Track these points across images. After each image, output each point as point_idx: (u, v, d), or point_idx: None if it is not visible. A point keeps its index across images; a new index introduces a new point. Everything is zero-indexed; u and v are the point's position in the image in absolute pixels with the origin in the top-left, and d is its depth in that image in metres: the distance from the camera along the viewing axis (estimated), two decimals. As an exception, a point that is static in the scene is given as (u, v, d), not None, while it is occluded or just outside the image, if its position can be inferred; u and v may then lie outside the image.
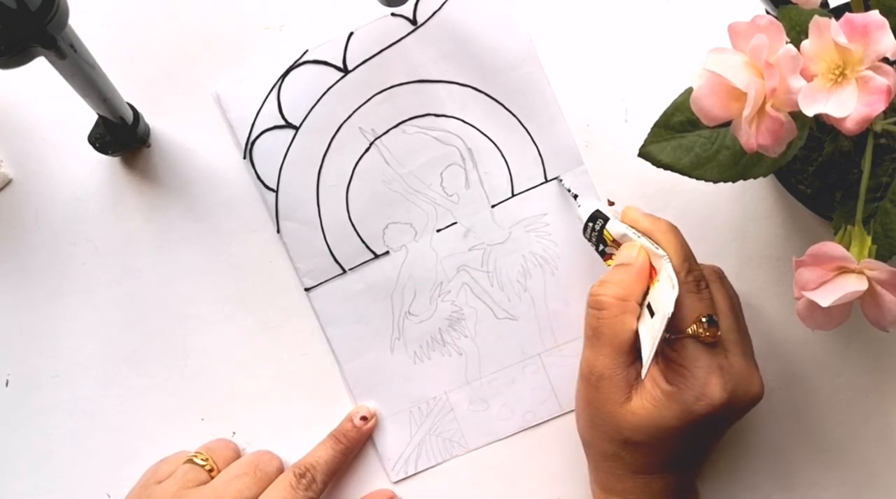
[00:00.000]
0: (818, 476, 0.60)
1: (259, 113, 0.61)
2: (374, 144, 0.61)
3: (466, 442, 0.62)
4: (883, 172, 0.48)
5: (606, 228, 0.56)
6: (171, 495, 0.57)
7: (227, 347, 0.62)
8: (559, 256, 0.61)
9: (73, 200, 0.62)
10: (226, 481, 0.57)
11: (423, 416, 0.62)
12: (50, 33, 0.46)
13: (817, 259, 0.43)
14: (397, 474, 0.62)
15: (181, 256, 0.62)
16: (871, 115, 0.39)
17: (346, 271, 0.62)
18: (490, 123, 0.61)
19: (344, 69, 0.61)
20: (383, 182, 0.61)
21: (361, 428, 0.61)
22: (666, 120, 0.50)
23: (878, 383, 0.60)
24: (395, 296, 0.62)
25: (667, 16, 0.60)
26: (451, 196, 0.61)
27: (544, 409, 0.62)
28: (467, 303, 0.62)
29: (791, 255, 0.45)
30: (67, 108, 0.60)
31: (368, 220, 0.62)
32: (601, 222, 0.57)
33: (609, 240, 0.56)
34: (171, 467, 0.59)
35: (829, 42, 0.40)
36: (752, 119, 0.41)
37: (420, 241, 0.62)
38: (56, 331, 0.63)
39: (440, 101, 0.61)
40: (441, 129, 0.61)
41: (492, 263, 0.62)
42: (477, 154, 0.61)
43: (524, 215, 0.61)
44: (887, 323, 0.43)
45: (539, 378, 0.62)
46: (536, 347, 0.62)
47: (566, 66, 0.60)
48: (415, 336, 0.62)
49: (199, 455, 0.59)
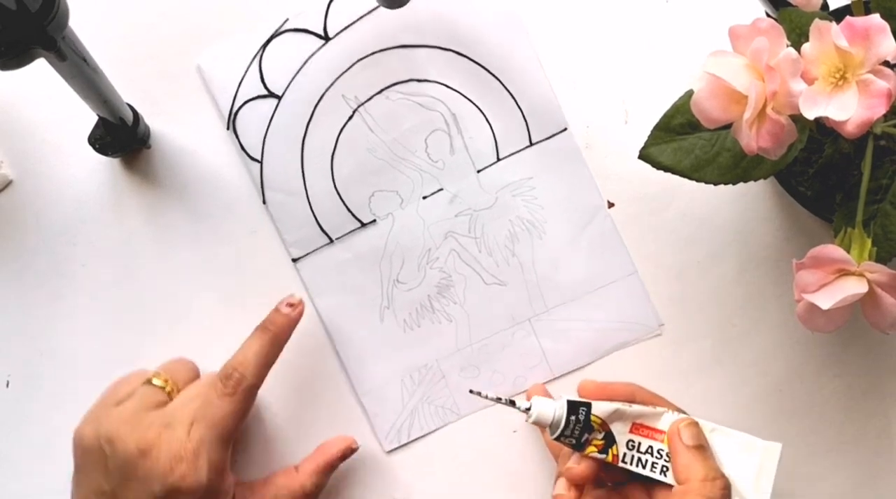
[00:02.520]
0: (818, 477, 0.60)
1: (241, 83, 0.61)
2: (357, 111, 0.61)
3: (459, 409, 0.62)
4: (883, 174, 0.48)
5: (593, 412, 0.52)
6: (129, 415, 0.55)
7: (227, 347, 0.62)
8: (546, 220, 0.61)
9: (73, 201, 0.62)
10: (183, 403, 0.56)
11: (414, 384, 0.62)
12: (50, 34, 0.46)
13: (817, 261, 0.43)
14: (390, 443, 0.62)
15: (181, 257, 0.62)
16: (872, 119, 0.39)
17: (332, 241, 0.62)
18: (473, 88, 0.61)
19: (325, 37, 0.61)
20: (368, 150, 0.61)
21: (290, 314, 0.59)
22: (666, 122, 0.51)
23: (877, 385, 0.60)
24: (383, 264, 0.62)
25: (667, 18, 0.60)
26: (436, 162, 0.61)
27: (535, 374, 0.62)
28: (456, 269, 0.62)
29: (791, 257, 0.45)
30: (67, 109, 0.60)
31: (354, 188, 0.61)
32: (584, 411, 0.52)
33: (597, 424, 0.52)
34: (130, 388, 0.58)
35: (829, 45, 0.40)
36: (752, 122, 0.41)
37: (406, 208, 0.62)
38: (56, 331, 0.63)
39: (422, 66, 0.61)
40: (424, 94, 0.61)
41: (479, 229, 0.61)
42: (461, 119, 0.61)
43: (510, 180, 0.61)
44: (887, 326, 0.44)
45: (529, 343, 0.62)
46: (526, 312, 0.62)
47: (567, 68, 0.60)
48: (404, 304, 0.62)
49: (157, 377, 0.58)
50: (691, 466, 0.51)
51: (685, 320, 0.61)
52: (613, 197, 0.61)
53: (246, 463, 0.62)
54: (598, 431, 0.52)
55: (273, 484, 0.59)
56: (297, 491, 0.58)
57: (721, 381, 0.61)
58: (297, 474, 0.59)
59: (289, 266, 0.62)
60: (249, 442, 0.62)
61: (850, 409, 0.60)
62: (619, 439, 0.52)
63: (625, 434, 0.52)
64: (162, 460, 0.53)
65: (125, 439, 0.54)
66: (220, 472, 0.55)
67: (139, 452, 0.54)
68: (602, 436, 0.52)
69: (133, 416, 0.55)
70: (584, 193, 0.61)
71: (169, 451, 0.54)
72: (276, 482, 0.59)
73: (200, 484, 0.54)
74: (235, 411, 0.56)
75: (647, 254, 0.61)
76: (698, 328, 0.61)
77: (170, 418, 0.55)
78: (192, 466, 0.53)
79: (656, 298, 0.61)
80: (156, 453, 0.54)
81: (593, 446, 0.52)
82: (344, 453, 0.60)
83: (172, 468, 0.53)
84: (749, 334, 0.60)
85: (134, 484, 0.54)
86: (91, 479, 0.55)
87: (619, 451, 0.52)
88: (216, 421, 0.55)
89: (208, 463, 0.54)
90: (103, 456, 0.55)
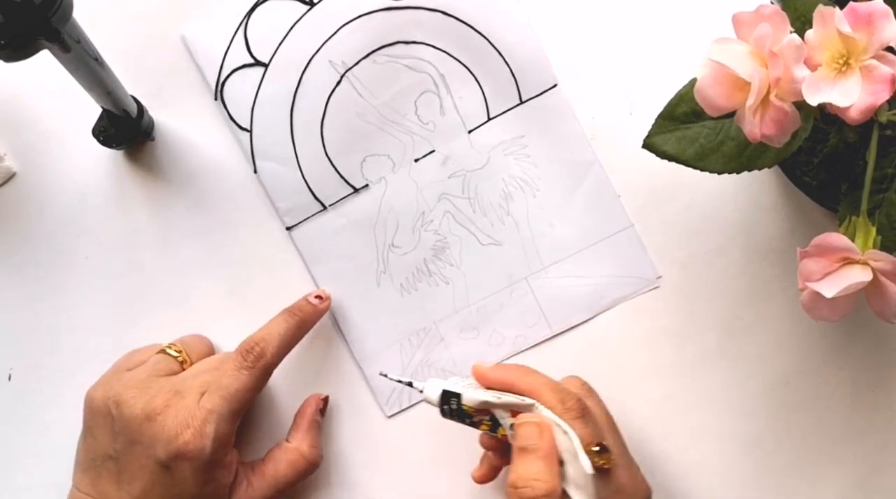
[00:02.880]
0: (823, 470, 0.60)
1: (227, 52, 0.61)
2: (345, 76, 0.61)
3: (459, 371, 0.62)
4: (888, 163, 0.48)
5: (463, 403, 0.54)
6: (139, 380, 0.56)
7: (231, 338, 0.62)
8: (539, 177, 0.61)
9: (76, 194, 0.62)
10: (195, 374, 0.57)
11: (413, 348, 0.62)
12: (54, 26, 0.46)
13: (822, 250, 0.43)
14: (391, 408, 0.62)
15: (185, 250, 0.62)
16: (876, 104, 0.39)
17: (326, 208, 0.62)
18: (461, 48, 0.60)
19: (309, 2, 0.61)
20: (357, 114, 0.61)
21: (317, 305, 0.60)
22: (670, 111, 0.50)
23: (883, 377, 0.60)
24: (378, 229, 0.62)
25: (672, 8, 0.60)
26: (426, 124, 0.61)
27: (534, 332, 0.61)
28: (451, 231, 0.61)
29: (796, 247, 0.45)
30: (71, 101, 0.60)
31: (345, 154, 0.61)
32: (455, 401, 0.54)
33: (471, 411, 0.54)
34: (144, 357, 0.59)
35: (833, 31, 0.39)
36: (756, 109, 0.41)
37: (399, 172, 0.61)
38: (59, 325, 0.63)
39: (409, 28, 0.60)
40: (412, 56, 0.61)
41: (472, 190, 0.61)
42: (450, 80, 0.61)
43: (502, 139, 0.61)
44: (891, 314, 0.43)
45: (527, 302, 0.61)
46: (523, 271, 0.61)
47: (571, 60, 0.60)
48: (400, 268, 0.62)
49: (172, 346, 0.59)
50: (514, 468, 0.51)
51: (690, 314, 0.60)
52: (618, 189, 0.61)
53: (247, 439, 0.62)
54: (482, 414, 0.54)
55: (271, 459, 0.59)
56: (297, 458, 0.59)
57: (727, 374, 0.60)
58: (290, 444, 0.60)
59: (296, 257, 0.62)
60: (250, 414, 0.62)
61: (856, 402, 0.60)
62: (503, 422, 0.53)
63: (507, 418, 0.53)
64: (168, 425, 0.54)
65: (132, 403, 0.55)
66: (224, 444, 0.55)
67: (145, 415, 0.54)
68: (489, 418, 0.54)
69: (143, 381, 0.56)
70: (576, 149, 0.60)
71: (176, 417, 0.54)
72: (273, 457, 0.59)
73: (204, 453, 0.54)
74: (251, 385, 0.56)
75: (651, 246, 0.60)
76: (704, 321, 0.60)
77: (180, 385, 0.56)
78: (199, 434, 0.54)
79: (661, 290, 0.60)
80: (162, 418, 0.54)
81: (484, 426, 0.54)
82: (318, 407, 0.61)
83: (178, 434, 0.53)
84: (755, 327, 0.60)
85: (138, 448, 0.54)
86: (97, 441, 0.56)
87: (507, 432, 0.54)
88: (231, 392, 0.55)
89: (214, 433, 0.54)
90: (110, 418, 0.55)
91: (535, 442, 0.51)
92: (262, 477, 0.58)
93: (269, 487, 0.58)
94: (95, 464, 0.56)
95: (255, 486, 0.58)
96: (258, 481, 0.58)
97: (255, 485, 0.58)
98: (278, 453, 0.59)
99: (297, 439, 0.60)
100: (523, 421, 0.52)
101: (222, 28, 0.61)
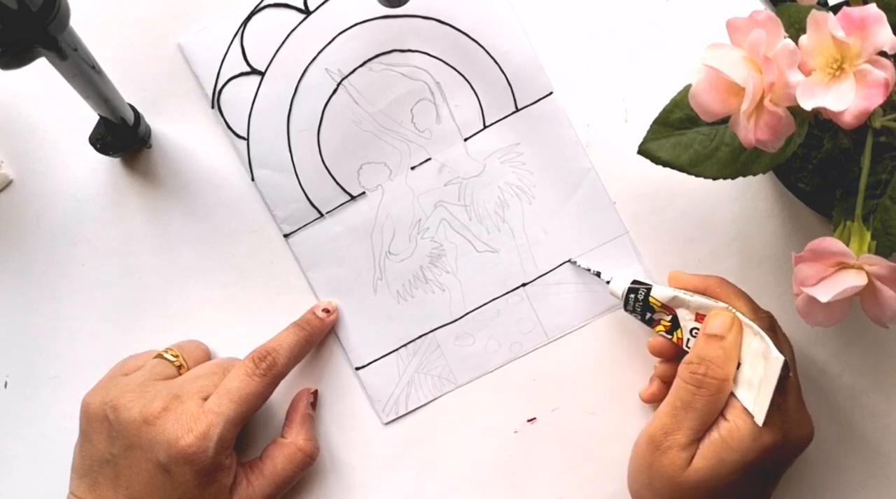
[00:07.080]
0: (820, 476, 0.60)
1: (224, 61, 0.61)
2: (341, 84, 0.61)
3: (455, 378, 0.62)
4: (882, 169, 0.48)
5: (652, 295, 0.56)
6: (136, 385, 0.56)
7: (228, 346, 0.62)
8: (535, 185, 0.61)
9: (73, 201, 0.62)
10: (193, 378, 0.57)
11: (410, 355, 0.62)
12: (51, 34, 0.46)
13: (817, 255, 0.43)
14: (388, 415, 0.62)
15: (182, 257, 0.62)
16: (870, 109, 0.39)
17: (323, 215, 0.62)
18: (456, 55, 0.61)
19: (305, 10, 0.61)
20: (354, 122, 0.61)
21: (324, 319, 0.61)
22: (665, 117, 0.51)
23: (879, 383, 0.60)
24: (375, 236, 0.62)
25: (667, 15, 0.60)
26: (422, 132, 0.61)
27: (530, 339, 0.62)
28: (447, 238, 0.62)
29: (791, 252, 0.45)
30: (68, 108, 0.60)
31: (342, 161, 0.62)
32: (643, 291, 0.56)
33: (657, 306, 0.56)
34: (140, 362, 0.59)
35: (826, 36, 0.40)
36: (750, 114, 0.41)
37: (395, 179, 0.62)
38: (56, 332, 0.63)
39: (405, 36, 0.61)
40: (408, 64, 0.61)
41: (469, 197, 0.61)
42: (446, 88, 0.61)
43: (498, 146, 0.61)
44: (887, 319, 0.43)
45: (523, 308, 0.62)
46: (519, 278, 0.62)
47: (566, 67, 0.61)
48: (397, 275, 0.62)
49: (169, 351, 0.60)
50: (695, 349, 0.53)
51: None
52: (614, 196, 0.61)
53: (243, 446, 0.62)
54: (664, 313, 0.56)
55: (269, 457, 0.59)
56: (294, 452, 0.59)
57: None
58: (285, 439, 0.60)
59: (293, 264, 0.62)
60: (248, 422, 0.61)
61: (852, 407, 0.60)
62: (684, 324, 0.55)
63: (689, 321, 0.55)
64: (168, 429, 0.54)
65: (129, 407, 0.55)
66: (226, 448, 0.55)
67: (143, 419, 0.54)
68: (669, 319, 0.56)
69: (140, 385, 0.56)
70: (571, 156, 0.61)
71: (177, 421, 0.54)
72: (270, 454, 0.59)
73: (206, 456, 0.54)
74: (260, 392, 0.57)
75: (647, 253, 0.61)
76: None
77: (178, 389, 0.56)
78: (203, 438, 0.54)
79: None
80: (161, 422, 0.54)
81: (661, 326, 0.56)
82: (308, 400, 0.61)
83: (179, 438, 0.54)
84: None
85: (137, 452, 0.54)
86: (94, 446, 0.56)
87: (684, 336, 0.55)
88: (242, 396, 0.56)
89: (219, 438, 0.54)
90: (107, 423, 0.55)
91: (724, 332, 0.52)
92: (261, 475, 0.58)
93: (270, 483, 0.58)
94: (92, 469, 0.56)
95: (255, 484, 0.58)
96: (257, 479, 0.58)
97: (254, 483, 0.58)
98: (275, 450, 0.59)
99: (293, 434, 0.60)
100: (717, 311, 0.54)
101: (219, 36, 0.61)
